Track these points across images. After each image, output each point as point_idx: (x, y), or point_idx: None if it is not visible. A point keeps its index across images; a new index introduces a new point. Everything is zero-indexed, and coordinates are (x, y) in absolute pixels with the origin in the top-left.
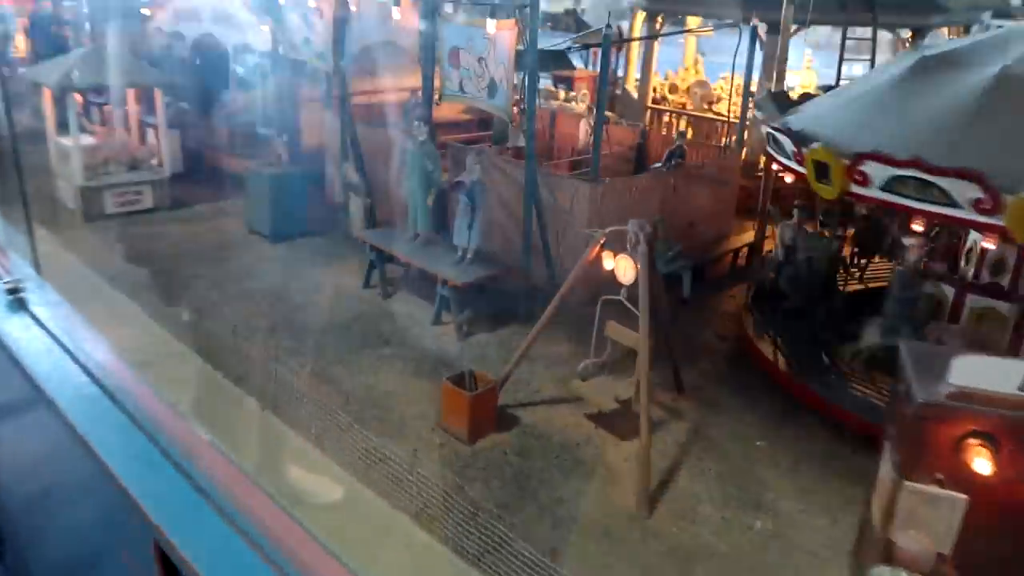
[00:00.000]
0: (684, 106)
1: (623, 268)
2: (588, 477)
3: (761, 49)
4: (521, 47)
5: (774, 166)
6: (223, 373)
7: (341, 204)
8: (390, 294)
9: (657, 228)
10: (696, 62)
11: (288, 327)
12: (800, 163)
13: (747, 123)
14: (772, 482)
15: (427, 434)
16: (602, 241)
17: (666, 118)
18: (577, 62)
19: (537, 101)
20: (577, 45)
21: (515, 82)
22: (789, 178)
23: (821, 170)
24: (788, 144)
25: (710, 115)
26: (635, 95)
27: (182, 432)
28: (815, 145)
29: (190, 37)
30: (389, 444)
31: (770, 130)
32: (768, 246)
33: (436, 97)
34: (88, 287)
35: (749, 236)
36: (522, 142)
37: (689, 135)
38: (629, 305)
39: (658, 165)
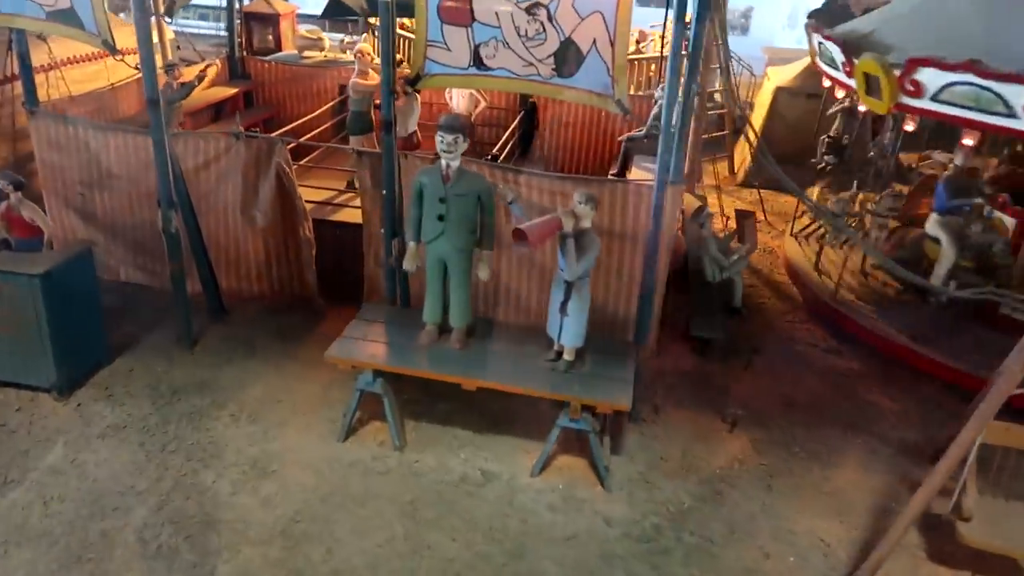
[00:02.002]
0: None
1: None
2: None
3: None
4: None
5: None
6: None
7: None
8: (404, 440)
9: (704, 223)
10: None
11: None
12: (850, 76)
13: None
14: None
15: None
16: None
17: None
18: None
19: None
20: None
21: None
22: (840, 92)
23: (871, 83)
24: (839, 55)
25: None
26: None
27: None
28: (865, 56)
29: None
30: None
31: (821, 39)
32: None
33: (401, 83)
34: None
35: None
36: (412, 127)
37: None
38: None
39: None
